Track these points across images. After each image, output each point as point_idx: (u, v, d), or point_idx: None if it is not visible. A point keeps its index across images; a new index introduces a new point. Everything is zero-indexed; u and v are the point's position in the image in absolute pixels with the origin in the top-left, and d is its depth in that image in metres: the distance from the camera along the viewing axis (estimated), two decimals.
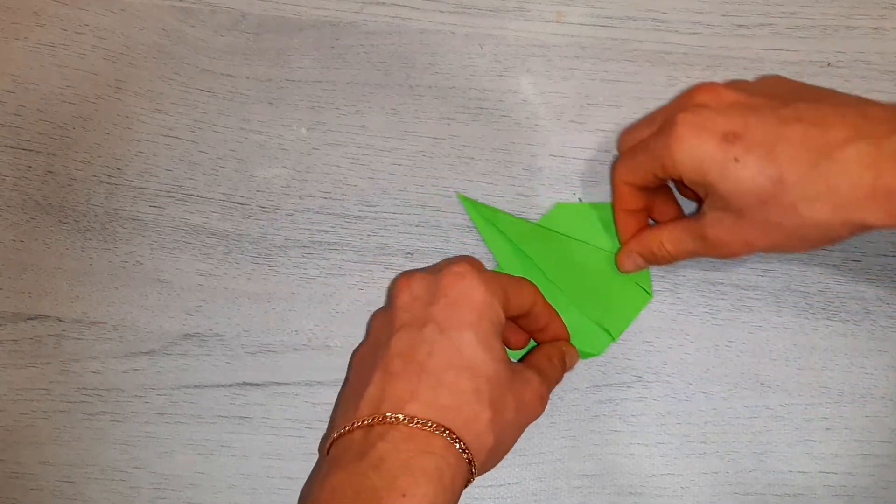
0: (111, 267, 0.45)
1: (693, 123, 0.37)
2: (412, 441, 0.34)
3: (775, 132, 0.35)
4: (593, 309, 0.43)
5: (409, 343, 0.37)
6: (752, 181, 0.35)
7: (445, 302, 0.37)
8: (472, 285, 0.37)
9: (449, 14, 0.47)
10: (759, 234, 0.36)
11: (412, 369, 0.36)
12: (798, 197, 0.34)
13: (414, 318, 0.37)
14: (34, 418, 0.43)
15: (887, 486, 0.42)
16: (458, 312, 0.37)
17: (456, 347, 0.36)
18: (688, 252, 0.40)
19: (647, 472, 0.42)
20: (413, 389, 0.35)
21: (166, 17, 0.47)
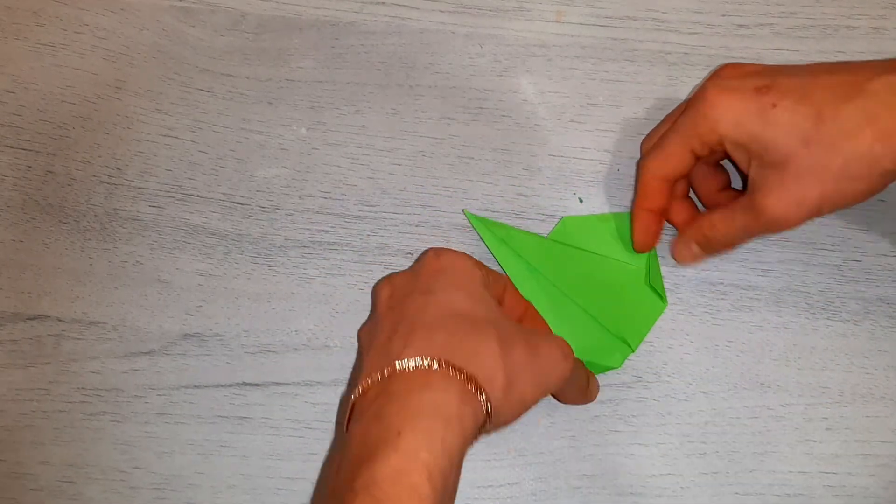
0: (111, 267, 0.45)
1: (723, 87, 0.37)
2: (408, 383, 0.33)
3: (806, 80, 0.36)
4: (611, 321, 0.43)
5: (399, 313, 0.36)
6: (791, 123, 0.35)
7: (428, 273, 0.37)
8: (450, 255, 0.38)
9: (449, 14, 0.47)
10: (808, 184, 0.36)
11: (405, 328, 0.35)
12: (839, 132, 0.35)
13: (399, 299, 0.37)
14: (34, 418, 0.43)
15: (887, 486, 0.42)
16: (442, 278, 0.37)
17: (446, 302, 0.35)
18: (741, 229, 0.39)
19: (647, 472, 0.42)
20: (406, 342, 0.34)
21: (166, 17, 0.47)
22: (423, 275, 0.37)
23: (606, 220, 0.44)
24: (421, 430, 0.31)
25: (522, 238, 0.43)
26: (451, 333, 0.34)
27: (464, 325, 0.34)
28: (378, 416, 0.32)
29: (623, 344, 0.42)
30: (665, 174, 0.40)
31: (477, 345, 0.34)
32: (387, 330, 0.36)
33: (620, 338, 0.42)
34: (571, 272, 0.43)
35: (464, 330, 0.34)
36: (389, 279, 0.39)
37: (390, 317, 0.36)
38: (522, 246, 0.43)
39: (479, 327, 0.35)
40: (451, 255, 0.38)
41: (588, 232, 0.44)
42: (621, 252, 0.43)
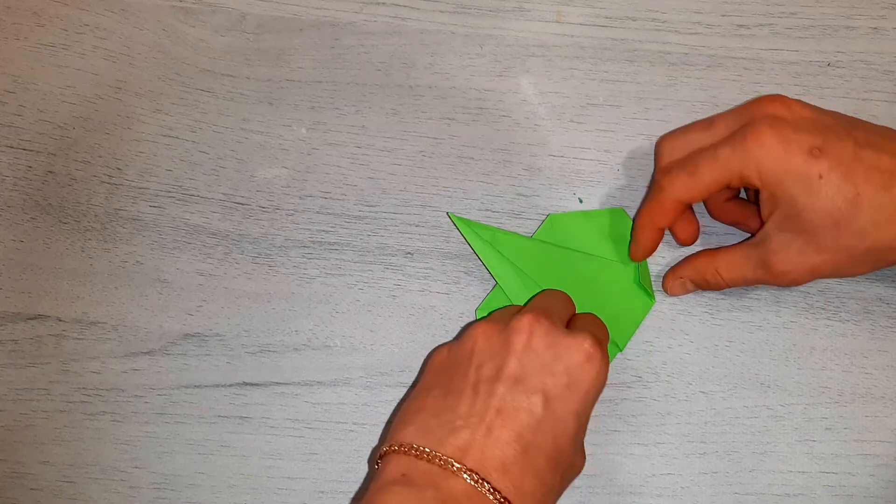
0: (111, 267, 0.45)
1: (778, 133, 0.36)
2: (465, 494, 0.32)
3: (853, 153, 0.36)
4: None
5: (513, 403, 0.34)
6: (831, 200, 0.35)
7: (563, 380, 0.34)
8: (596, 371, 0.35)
9: (449, 14, 0.47)
10: (825, 258, 0.37)
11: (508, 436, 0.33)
12: (869, 220, 0.35)
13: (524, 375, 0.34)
14: (34, 418, 0.43)
15: (887, 486, 0.42)
16: (571, 396, 0.34)
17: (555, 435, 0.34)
18: (745, 280, 0.40)
19: (647, 472, 0.42)
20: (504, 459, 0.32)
21: (166, 17, 0.47)
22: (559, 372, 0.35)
23: (593, 216, 0.44)
24: None
25: (508, 239, 0.43)
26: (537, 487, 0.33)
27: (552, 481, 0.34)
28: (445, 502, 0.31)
29: (612, 344, 0.43)
30: (689, 199, 0.39)
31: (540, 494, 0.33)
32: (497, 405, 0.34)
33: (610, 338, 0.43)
34: (558, 272, 0.43)
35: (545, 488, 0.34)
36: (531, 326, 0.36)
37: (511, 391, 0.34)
38: (508, 247, 0.43)
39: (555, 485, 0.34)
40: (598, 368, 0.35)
41: (575, 229, 0.44)
42: (608, 250, 0.43)
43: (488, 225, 0.44)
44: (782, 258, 0.38)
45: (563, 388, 0.34)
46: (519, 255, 0.43)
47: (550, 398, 0.34)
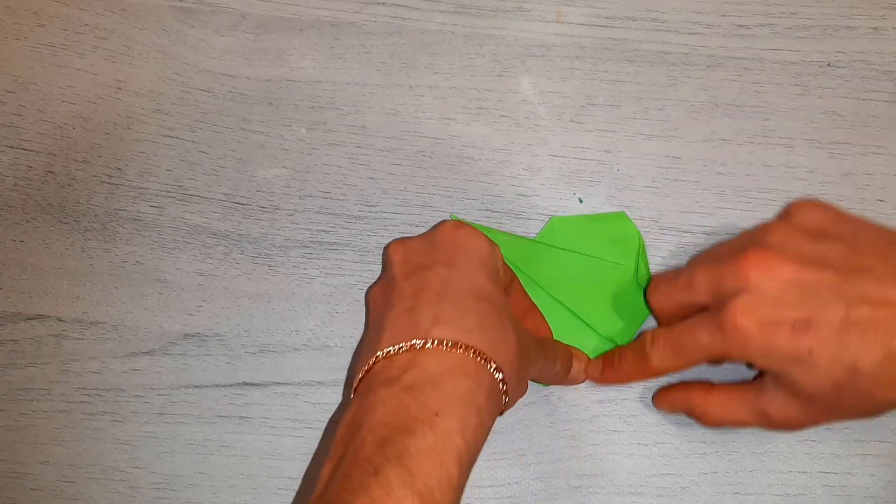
0: (111, 267, 0.45)
1: (756, 318, 0.34)
2: (443, 363, 0.32)
3: (843, 317, 0.34)
4: (600, 322, 0.43)
5: (421, 280, 0.35)
6: (827, 372, 0.34)
7: (449, 246, 0.36)
8: (472, 233, 0.37)
9: (449, 14, 0.47)
10: (828, 414, 0.36)
11: (430, 298, 0.34)
12: (874, 382, 0.34)
13: (418, 265, 0.36)
14: (34, 418, 0.43)
15: (887, 486, 0.42)
16: (466, 252, 0.36)
17: (471, 279, 0.35)
18: (737, 423, 0.39)
19: (647, 472, 0.42)
20: (436, 315, 0.34)
21: (166, 17, 0.47)
22: (442, 246, 0.37)
23: (595, 220, 0.44)
24: (457, 417, 0.31)
25: (509, 241, 0.43)
26: (481, 318, 0.34)
27: (490, 311, 0.34)
28: (412, 391, 0.32)
29: (612, 345, 0.43)
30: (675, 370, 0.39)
31: (502, 333, 0.34)
32: (408, 296, 0.35)
33: (609, 339, 0.43)
34: (559, 274, 0.43)
35: (490, 317, 0.34)
36: (403, 243, 0.38)
37: (410, 283, 0.36)
38: (510, 249, 0.43)
39: (502, 316, 0.35)
40: (470, 231, 0.37)
41: (577, 232, 0.44)
42: (610, 252, 0.43)
43: (490, 227, 0.44)
44: (782, 411, 0.37)
45: (455, 250, 0.36)
46: (520, 256, 0.43)
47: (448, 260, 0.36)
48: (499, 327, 0.34)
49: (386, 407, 0.31)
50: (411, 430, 0.31)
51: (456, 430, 0.31)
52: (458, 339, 0.33)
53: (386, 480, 0.29)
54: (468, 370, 0.33)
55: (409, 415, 0.31)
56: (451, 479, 0.30)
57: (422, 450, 0.30)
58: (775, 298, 0.34)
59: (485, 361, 0.33)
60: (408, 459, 0.30)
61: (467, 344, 0.33)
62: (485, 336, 0.33)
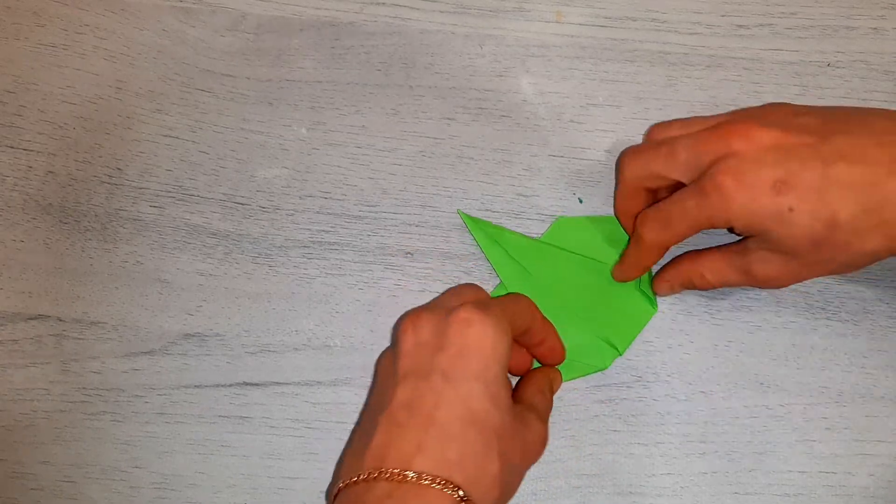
0: (111, 267, 0.45)
1: (739, 179, 0.36)
2: (420, 498, 0.33)
3: (822, 175, 0.35)
4: (599, 325, 0.43)
5: (414, 393, 0.35)
6: (808, 228, 0.35)
7: (453, 352, 0.36)
8: (480, 332, 0.36)
9: (449, 14, 0.47)
10: (809, 269, 0.37)
11: (418, 421, 0.35)
12: (851, 235, 0.35)
13: (419, 366, 0.36)
14: (34, 418, 0.43)
15: (887, 487, 0.42)
16: (465, 363, 0.35)
17: (463, 399, 0.35)
18: (729, 283, 0.40)
19: (647, 472, 0.42)
20: (419, 442, 0.34)
21: (166, 17, 0.47)
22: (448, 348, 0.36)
23: (600, 222, 0.44)
24: None
25: (515, 239, 0.44)
26: (464, 448, 0.34)
27: (476, 438, 0.35)
28: None
29: (610, 347, 0.43)
30: (669, 245, 0.40)
31: (483, 463, 0.34)
32: (401, 405, 0.35)
33: (607, 341, 0.43)
34: (562, 274, 0.43)
35: (475, 445, 0.34)
36: (414, 325, 0.37)
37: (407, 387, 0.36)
38: (515, 247, 0.43)
39: (489, 441, 0.35)
40: (483, 328, 0.36)
41: (581, 233, 0.44)
42: (614, 255, 0.43)
43: (496, 224, 0.44)
44: (765, 269, 0.38)
45: (457, 358, 0.36)
46: (524, 255, 0.43)
47: (447, 371, 0.35)
48: (482, 456, 0.35)
49: None
50: None
51: None
52: (437, 474, 0.33)
53: None
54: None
55: None
56: None
57: None
58: (756, 160, 0.36)
59: (462, 500, 0.33)
60: None
61: (446, 479, 0.33)
62: (464, 469, 0.34)
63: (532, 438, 0.38)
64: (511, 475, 0.36)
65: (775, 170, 0.35)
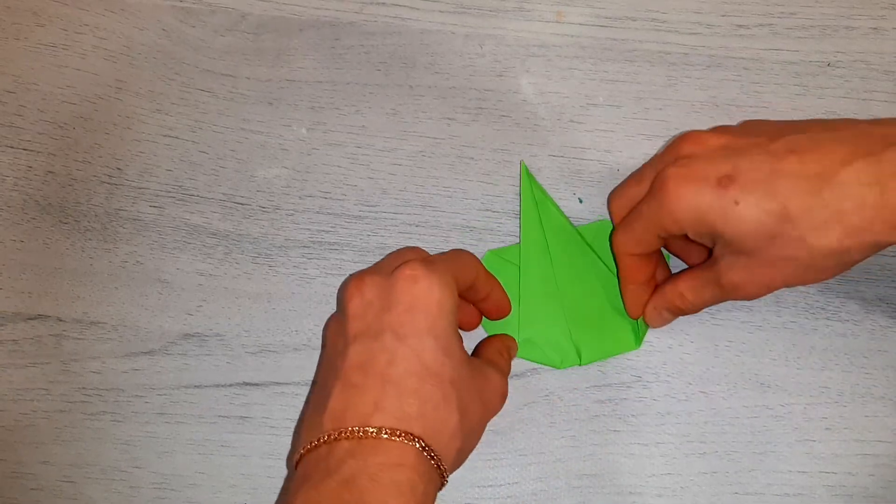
0: (111, 267, 0.45)
1: (684, 176, 0.36)
2: (381, 454, 0.33)
3: (770, 167, 0.34)
4: (579, 329, 0.43)
5: (366, 353, 0.35)
6: (756, 221, 0.34)
7: (400, 309, 0.36)
8: (426, 287, 0.36)
9: (449, 14, 0.47)
10: (774, 271, 0.36)
11: (373, 380, 0.35)
12: (806, 228, 0.34)
13: (368, 326, 0.36)
14: (34, 418, 0.43)
15: (887, 486, 0.42)
16: (414, 318, 0.35)
17: (416, 354, 0.35)
18: (709, 300, 0.40)
19: (647, 472, 0.42)
20: (376, 400, 0.34)
21: (166, 17, 0.47)
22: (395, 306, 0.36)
23: None
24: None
25: (554, 213, 0.44)
26: (422, 400, 0.34)
27: (433, 390, 0.35)
28: (350, 485, 0.32)
29: (575, 354, 0.43)
30: (639, 252, 0.40)
31: (443, 415, 0.35)
32: (354, 367, 0.35)
33: (577, 347, 0.43)
34: (575, 267, 0.44)
35: (433, 397, 0.35)
36: (359, 288, 0.37)
37: (359, 349, 0.36)
38: (549, 219, 0.44)
39: (446, 392, 0.35)
40: (426, 285, 0.36)
41: None
42: None
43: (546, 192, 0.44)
44: (732, 277, 0.37)
45: (405, 314, 0.35)
46: (554, 231, 0.44)
47: (396, 329, 0.35)
48: (441, 408, 0.35)
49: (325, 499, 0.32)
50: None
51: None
52: (396, 427, 0.33)
53: None
54: (406, 459, 0.33)
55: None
56: None
57: None
58: (703, 158, 0.36)
59: (423, 449, 0.33)
60: None
61: (405, 431, 0.33)
62: (424, 422, 0.34)
63: (491, 389, 0.38)
64: (471, 427, 0.36)
65: (721, 166, 0.35)
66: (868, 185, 0.32)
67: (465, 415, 0.35)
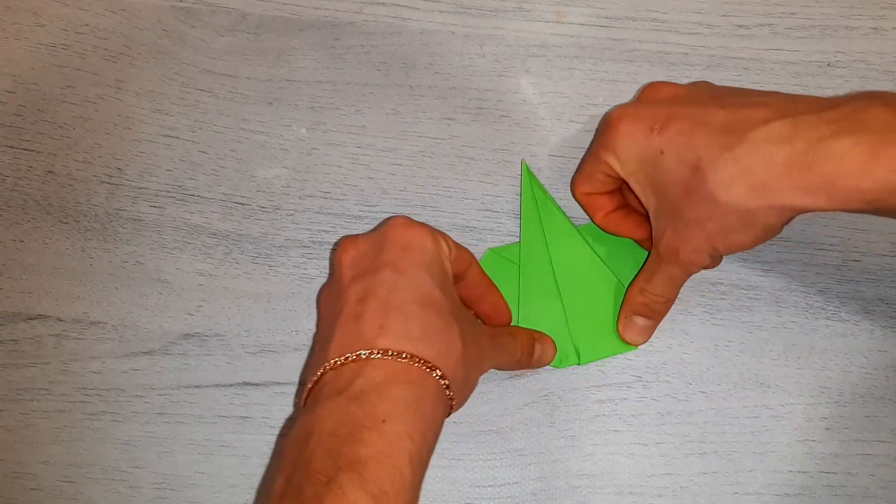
0: (111, 267, 0.45)
1: (628, 115, 0.37)
2: (388, 372, 0.33)
3: (698, 119, 0.35)
4: (579, 329, 0.43)
5: (366, 288, 0.35)
6: (675, 171, 0.35)
7: (397, 248, 0.36)
8: (419, 233, 0.37)
9: (449, 14, 0.47)
10: (699, 231, 0.36)
11: (376, 306, 0.35)
12: (714, 183, 0.34)
13: (365, 268, 0.36)
14: (34, 418, 0.43)
15: (887, 486, 0.42)
16: (411, 255, 0.36)
17: (416, 285, 0.35)
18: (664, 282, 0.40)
19: (647, 472, 0.42)
20: (381, 324, 0.34)
21: (166, 17, 0.47)
22: (390, 247, 0.36)
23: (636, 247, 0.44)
24: (404, 422, 0.32)
25: (554, 212, 0.44)
26: (425, 325, 0.34)
27: (435, 317, 0.35)
28: (358, 400, 0.32)
29: (574, 353, 0.43)
30: (590, 191, 0.41)
31: (447, 340, 0.35)
32: (354, 302, 0.35)
33: (576, 346, 0.43)
34: (576, 266, 0.44)
35: (435, 323, 0.35)
36: (353, 241, 0.38)
37: (357, 289, 0.36)
38: (549, 217, 0.44)
39: (448, 321, 0.35)
40: (419, 231, 0.37)
41: (615, 245, 0.44)
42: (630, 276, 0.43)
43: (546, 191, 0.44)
44: (666, 242, 0.37)
45: (402, 252, 0.36)
46: (554, 229, 0.44)
47: (394, 263, 0.36)
48: (444, 333, 0.35)
49: (334, 418, 0.32)
50: (360, 439, 0.31)
51: (404, 433, 0.32)
52: (402, 349, 0.33)
53: (339, 487, 0.30)
54: (413, 378, 0.33)
55: (357, 423, 0.32)
56: (405, 479, 0.31)
57: (372, 455, 0.31)
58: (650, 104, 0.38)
59: (429, 369, 0.34)
60: (359, 466, 0.30)
61: (411, 353, 0.33)
62: (429, 344, 0.34)
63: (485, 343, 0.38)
64: (471, 362, 0.36)
65: (658, 112, 0.36)
66: (778, 142, 0.32)
67: (467, 347, 0.35)
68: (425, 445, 0.33)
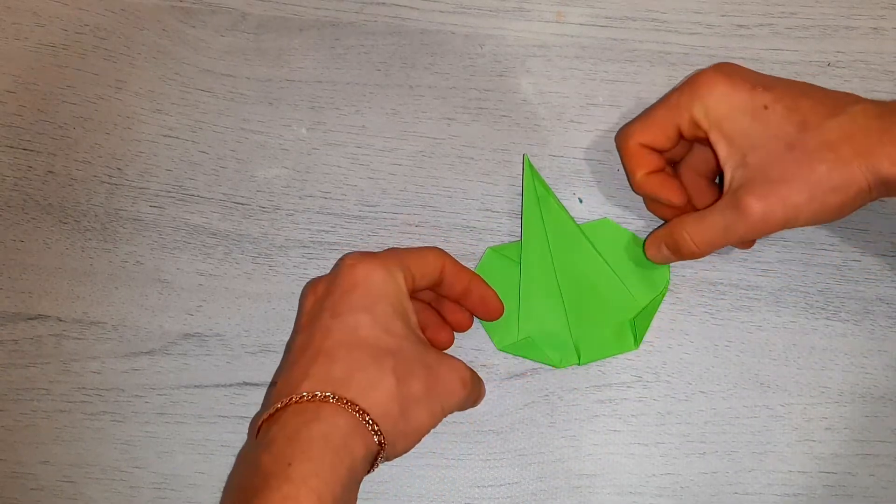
0: (111, 267, 0.45)
1: (724, 73, 0.38)
2: (301, 415, 0.34)
3: (798, 90, 0.38)
4: (579, 329, 0.43)
5: (309, 335, 0.37)
6: (779, 126, 0.36)
7: (339, 292, 0.38)
8: (365, 270, 0.38)
9: (449, 14, 0.47)
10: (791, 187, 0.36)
11: (308, 355, 0.36)
12: (821, 142, 0.36)
13: (313, 314, 0.38)
14: (34, 418, 0.43)
15: (887, 486, 0.42)
16: (350, 298, 0.37)
17: (350, 329, 0.36)
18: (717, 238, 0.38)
19: (646, 472, 0.42)
20: (306, 370, 0.36)
21: (166, 17, 0.47)
22: (334, 290, 0.38)
23: (638, 242, 0.44)
24: (310, 460, 0.33)
25: (556, 209, 0.44)
26: (349, 365, 0.36)
27: (363, 356, 0.36)
28: (269, 448, 0.34)
29: (574, 353, 0.43)
30: (648, 142, 0.40)
31: (373, 377, 0.35)
32: (296, 352, 0.37)
33: (577, 346, 0.43)
34: (577, 265, 0.44)
35: (362, 362, 0.36)
36: (313, 286, 0.40)
37: (303, 336, 0.38)
38: (550, 214, 0.44)
39: (378, 358, 0.36)
40: (366, 267, 0.38)
41: (618, 244, 0.44)
42: (631, 276, 0.43)
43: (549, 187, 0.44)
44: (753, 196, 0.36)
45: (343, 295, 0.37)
46: (555, 227, 0.43)
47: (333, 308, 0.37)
48: (370, 370, 0.35)
49: (244, 471, 0.34)
50: (265, 487, 0.32)
51: (310, 473, 0.32)
52: (317, 390, 0.35)
53: None
54: (325, 415, 0.34)
55: (266, 472, 0.33)
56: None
57: (276, 501, 0.32)
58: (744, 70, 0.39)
59: (344, 404, 0.34)
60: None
61: (328, 392, 0.34)
62: (349, 382, 0.35)
63: (446, 372, 0.38)
64: (411, 398, 0.36)
65: (758, 78, 0.39)
66: (874, 118, 0.36)
67: (404, 382, 0.36)
68: (335, 481, 0.33)
